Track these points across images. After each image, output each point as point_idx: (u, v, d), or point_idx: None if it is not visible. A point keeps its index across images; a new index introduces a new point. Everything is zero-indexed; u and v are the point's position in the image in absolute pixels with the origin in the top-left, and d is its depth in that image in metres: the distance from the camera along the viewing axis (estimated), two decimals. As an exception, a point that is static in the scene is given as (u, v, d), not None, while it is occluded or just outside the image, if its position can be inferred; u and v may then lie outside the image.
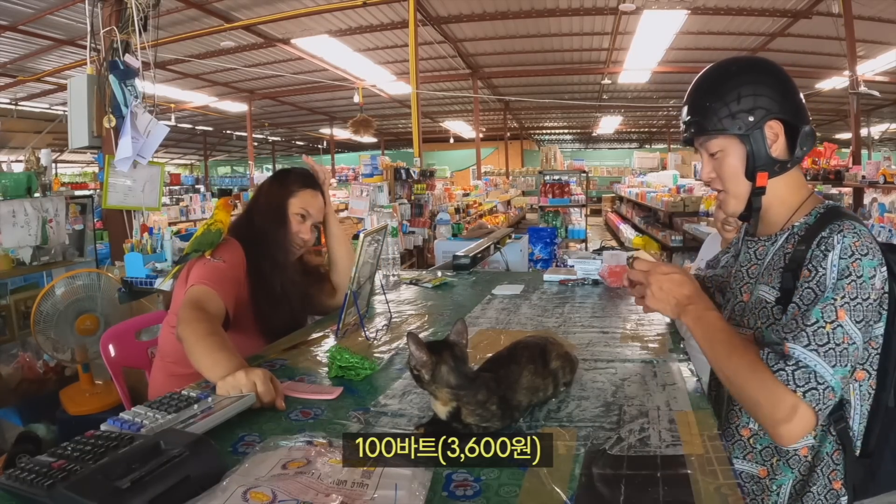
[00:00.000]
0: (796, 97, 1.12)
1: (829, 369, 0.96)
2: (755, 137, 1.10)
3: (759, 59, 1.16)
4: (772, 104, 1.10)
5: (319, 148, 24.85)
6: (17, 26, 7.82)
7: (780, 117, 1.10)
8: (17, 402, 2.81)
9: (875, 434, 1.09)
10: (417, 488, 0.74)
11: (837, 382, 0.97)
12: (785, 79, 1.12)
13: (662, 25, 8.71)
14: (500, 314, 1.76)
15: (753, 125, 1.10)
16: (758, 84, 1.11)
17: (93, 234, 3.46)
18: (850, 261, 1.00)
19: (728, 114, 1.10)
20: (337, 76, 11.61)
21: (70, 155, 13.45)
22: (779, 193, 1.15)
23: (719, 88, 1.13)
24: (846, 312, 0.98)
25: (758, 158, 1.11)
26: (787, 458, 1.13)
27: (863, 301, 0.99)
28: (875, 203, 5.12)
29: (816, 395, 0.96)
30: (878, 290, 1.01)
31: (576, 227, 8.57)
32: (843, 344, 0.97)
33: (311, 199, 1.77)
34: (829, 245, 1.02)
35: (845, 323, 0.98)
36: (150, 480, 0.70)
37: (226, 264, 1.54)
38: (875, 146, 15.68)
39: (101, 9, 3.33)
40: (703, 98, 1.14)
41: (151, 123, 3.20)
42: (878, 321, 1.05)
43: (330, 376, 1.24)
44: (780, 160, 1.12)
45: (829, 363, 0.96)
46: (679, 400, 1.08)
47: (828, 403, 0.97)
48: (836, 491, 1.10)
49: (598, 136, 23.34)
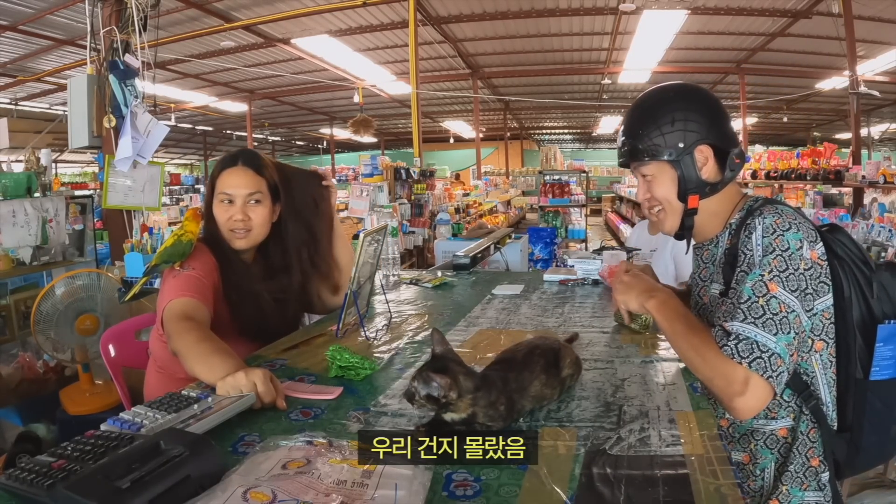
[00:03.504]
0: (725, 122, 1.19)
1: (771, 337, 1.01)
2: (685, 162, 1.16)
3: (690, 87, 1.24)
4: (700, 129, 1.16)
5: (319, 148, 24.85)
6: (17, 26, 7.82)
7: (709, 142, 1.16)
8: (17, 402, 2.81)
9: (850, 407, 1.12)
10: (417, 488, 0.74)
11: (783, 349, 1.01)
12: (714, 106, 1.19)
13: (662, 25, 8.71)
14: (500, 314, 1.76)
15: (683, 151, 1.16)
16: (688, 111, 1.16)
17: (93, 234, 3.46)
18: (773, 237, 1.06)
19: (659, 140, 1.16)
20: (337, 76, 11.61)
21: (70, 155, 13.45)
22: (712, 209, 1.21)
23: (651, 115, 1.19)
24: (777, 284, 1.04)
25: (688, 182, 1.17)
26: (765, 441, 1.16)
27: (794, 272, 1.05)
28: (875, 203, 5.12)
29: (763, 364, 1.00)
30: (809, 261, 1.06)
31: (576, 227, 8.56)
32: (780, 313, 1.02)
33: (230, 178, 1.59)
34: (751, 229, 1.09)
35: (779, 293, 1.03)
36: (150, 480, 0.70)
37: (196, 272, 1.48)
38: (875, 146, 15.68)
39: (101, 9, 3.33)
40: (636, 125, 1.21)
41: (151, 123, 3.20)
42: (822, 293, 1.09)
43: (330, 376, 1.24)
44: (710, 182, 1.18)
45: (769, 332, 1.01)
46: (679, 400, 1.08)
47: (777, 370, 1.01)
48: (814, 468, 1.13)
49: (598, 136, 23.32)
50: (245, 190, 1.58)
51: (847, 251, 1.11)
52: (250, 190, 1.58)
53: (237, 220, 1.57)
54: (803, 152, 6.56)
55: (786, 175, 6.27)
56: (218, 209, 1.59)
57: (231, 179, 1.58)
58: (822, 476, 1.13)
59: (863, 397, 1.11)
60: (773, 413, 1.15)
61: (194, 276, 1.47)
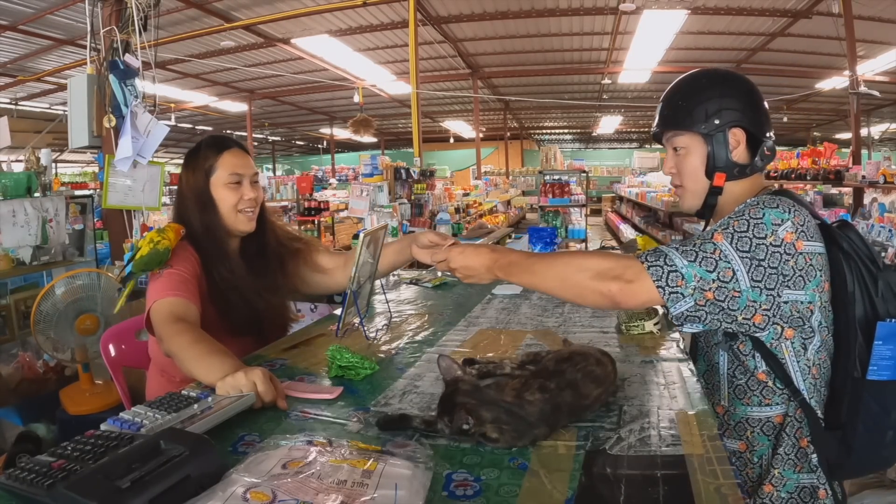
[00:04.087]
0: (763, 114, 1.22)
1: (683, 260, 1.05)
2: (717, 139, 1.19)
3: (735, 74, 1.26)
4: (737, 114, 1.19)
5: (319, 148, 24.85)
6: (17, 26, 7.82)
7: (743, 126, 1.19)
8: (17, 402, 2.81)
9: (843, 404, 1.12)
10: (417, 488, 0.74)
11: (689, 274, 1.04)
12: (757, 97, 1.22)
13: (662, 25, 8.70)
14: (500, 314, 1.76)
15: (717, 128, 1.19)
16: (728, 92, 1.20)
17: (93, 233, 3.46)
18: (750, 207, 1.10)
19: (697, 112, 1.19)
20: (337, 76, 11.61)
21: (70, 155, 13.43)
22: (734, 193, 1.23)
23: (693, 90, 1.23)
24: (724, 237, 1.06)
25: (717, 159, 1.20)
26: (761, 428, 1.17)
27: (753, 237, 1.05)
28: (875, 203, 5.12)
29: (659, 272, 1.04)
30: (783, 242, 1.06)
31: (576, 226, 8.56)
32: (710, 256, 1.05)
33: (234, 159, 1.57)
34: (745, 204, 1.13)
35: (720, 244, 1.05)
36: (150, 480, 0.70)
37: (178, 269, 1.45)
38: (875, 146, 15.68)
39: (101, 8, 3.32)
40: (678, 95, 1.25)
41: (151, 123, 3.20)
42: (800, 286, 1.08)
43: (330, 376, 1.24)
44: (739, 164, 1.21)
45: (685, 258, 1.05)
46: (679, 400, 1.08)
47: (672, 287, 1.04)
48: (804, 449, 1.14)
49: (598, 136, 23.33)
50: (250, 170, 1.60)
51: (854, 247, 1.11)
52: (253, 171, 1.61)
53: (249, 198, 1.56)
54: (803, 152, 6.56)
55: (786, 175, 6.27)
56: (225, 192, 1.55)
57: (237, 160, 1.58)
58: (811, 457, 1.13)
59: (858, 396, 1.10)
60: (768, 400, 1.16)
61: (176, 272, 1.44)
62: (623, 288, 1.06)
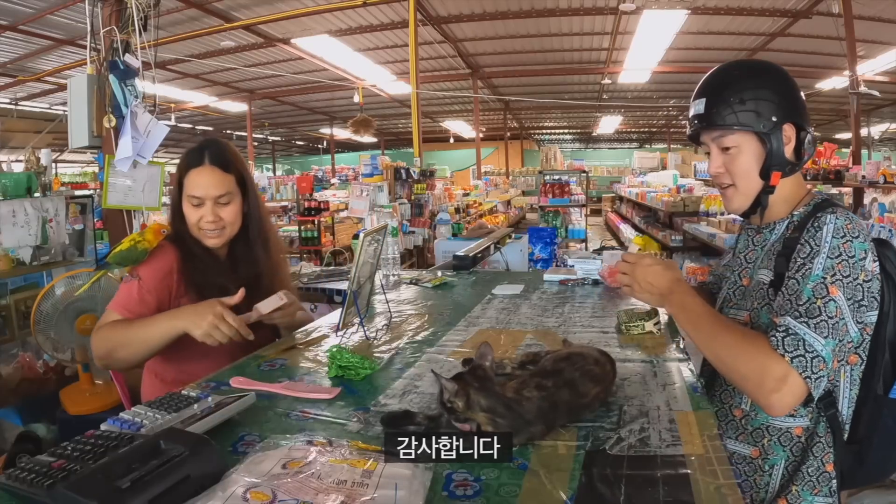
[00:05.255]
0: (804, 105, 1.17)
1: (820, 339, 0.98)
2: (776, 137, 1.13)
3: (774, 65, 1.20)
4: (790, 108, 1.14)
5: (319, 148, 24.85)
6: (17, 26, 7.82)
7: (794, 121, 1.15)
8: (17, 402, 2.81)
9: (864, 421, 1.11)
10: (417, 488, 0.74)
11: (828, 353, 0.98)
12: (796, 86, 1.17)
13: (662, 25, 8.71)
14: (500, 314, 1.76)
15: (775, 125, 1.12)
16: (779, 87, 1.14)
17: (93, 233, 3.46)
18: (842, 241, 1.04)
19: (752, 111, 1.12)
20: (337, 76, 11.61)
21: (70, 155, 13.43)
22: (783, 193, 1.19)
23: (742, 85, 1.14)
24: (838, 289, 1.01)
25: (775, 158, 1.14)
26: (779, 437, 1.15)
27: (853, 280, 1.02)
28: (875, 203, 5.11)
29: (804, 363, 0.97)
30: (868, 273, 1.05)
31: (576, 226, 8.57)
32: (835, 317, 1.00)
33: (198, 178, 1.51)
34: (821, 223, 1.06)
35: (838, 298, 1.00)
36: (150, 480, 0.70)
37: (143, 282, 1.46)
38: (875, 146, 15.68)
39: (101, 9, 3.32)
40: (725, 92, 1.15)
41: (151, 123, 3.20)
42: (872, 308, 1.08)
43: (330, 376, 1.24)
44: (791, 162, 1.16)
45: (819, 334, 0.98)
46: (679, 400, 1.08)
47: (818, 373, 0.98)
48: (828, 473, 1.12)
49: (598, 136, 23.34)
50: (214, 192, 1.50)
51: (893, 266, 1.11)
52: (220, 192, 1.51)
53: (208, 221, 1.52)
54: (803, 152, 6.55)
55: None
56: (187, 209, 1.53)
57: (199, 180, 1.51)
58: (832, 483, 1.12)
59: (878, 413, 1.10)
60: (793, 411, 1.13)
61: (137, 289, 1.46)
62: (782, 399, 0.99)
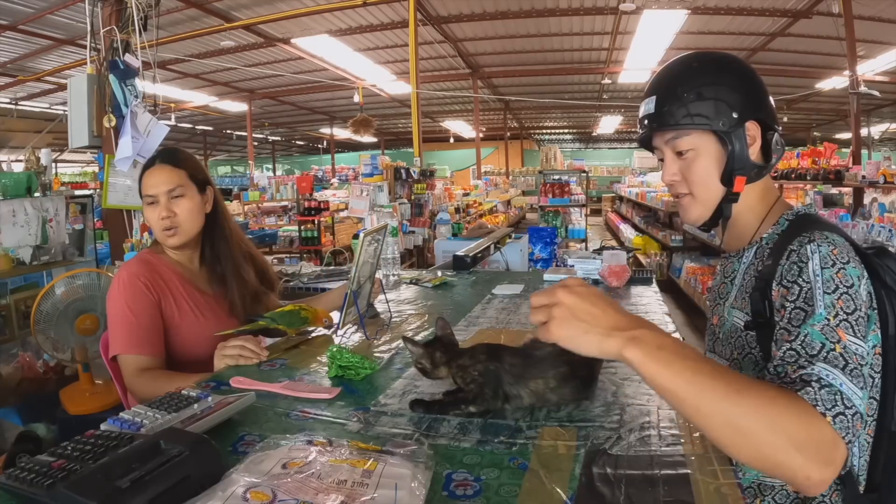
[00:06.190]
0: (770, 100, 1.03)
1: (858, 391, 0.76)
2: (738, 136, 0.98)
3: (735, 57, 1.06)
4: (753, 104, 0.99)
5: (319, 148, 24.86)
6: (17, 26, 7.82)
7: (759, 118, 1.00)
8: (17, 402, 2.81)
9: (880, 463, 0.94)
10: (417, 488, 0.74)
11: (863, 407, 0.76)
12: (760, 80, 1.03)
13: (662, 25, 8.71)
14: (500, 314, 1.76)
15: (737, 122, 0.97)
16: (740, 80, 1.00)
17: (93, 233, 3.47)
18: (834, 271, 0.86)
19: (712, 106, 0.97)
20: (337, 76, 11.61)
21: (70, 154, 13.45)
22: (749, 201, 1.04)
23: (697, 79, 0.99)
24: (846, 331, 0.82)
25: (738, 161, 0.99)
26: (773, 497, 1.00)
27: (858, 310, 0.85)
28: (875, 203, 5.12)
29: (845, 423, 0.73)
30: (864, 302, 0.87)
31: (576, 226, 8.57)
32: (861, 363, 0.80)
33: (149, 179, 1.58)
34: (802, 257, 0.89)
35: (849, 342, 0.81)
36: (150, 480, 0.70)
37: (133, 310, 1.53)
38: (875, 146, 15.68)
39: (101, 8, 3.32)
40: (678, 88, 1.00)
41: (151, 123, 3.20)
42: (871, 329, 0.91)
43: (330, 376, 1.24)
44: (757, 164, 1.02)
45: (856, 385, 0.77)
46: (679, 400, 1.07)
47: (857, 435, 0.75)
48: None
49: (598, 136, 23.34)
50: (165, 186, 1.56)
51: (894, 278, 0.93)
52: (170, 186, 1.56)
53: (163, 217, 1.56)
54: (803, 152, 6.54)
55: (786, 175, 6.26)
56: (148, 213, 1.59)
57: (150, 179, 1.58)
58: None
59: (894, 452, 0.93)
60: None
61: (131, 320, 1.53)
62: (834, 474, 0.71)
